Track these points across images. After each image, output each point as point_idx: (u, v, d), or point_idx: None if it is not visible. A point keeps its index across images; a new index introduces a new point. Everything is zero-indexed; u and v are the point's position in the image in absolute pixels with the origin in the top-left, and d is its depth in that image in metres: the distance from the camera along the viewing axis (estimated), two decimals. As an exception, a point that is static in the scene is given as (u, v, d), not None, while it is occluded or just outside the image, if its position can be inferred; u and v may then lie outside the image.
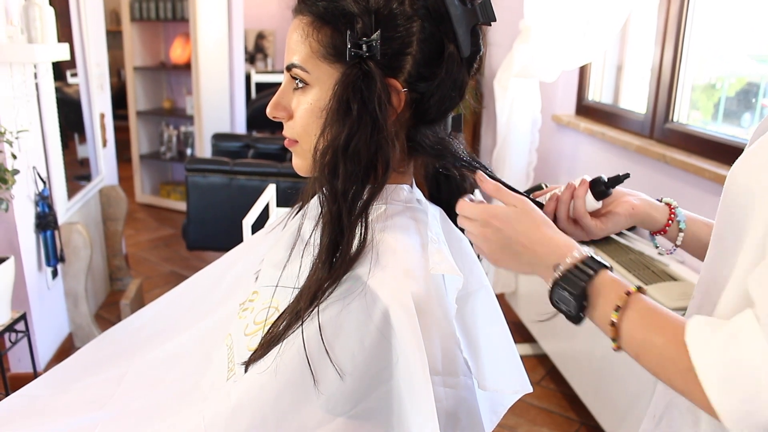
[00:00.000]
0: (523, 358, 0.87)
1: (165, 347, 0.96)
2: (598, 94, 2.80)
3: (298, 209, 0.82)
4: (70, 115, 2.92)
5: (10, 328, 1.83)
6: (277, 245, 0.86)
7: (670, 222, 0.83)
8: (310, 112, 0.72)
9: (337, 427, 0.66)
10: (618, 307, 0.62)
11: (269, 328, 0.72)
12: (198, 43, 4.23)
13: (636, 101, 2.55)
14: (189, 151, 4.68)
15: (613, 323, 0.63)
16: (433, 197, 0.86)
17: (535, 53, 2.47)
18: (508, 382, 0.82)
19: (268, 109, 0.76)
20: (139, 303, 2.87)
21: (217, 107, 4.52)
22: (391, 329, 0.65)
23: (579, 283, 0.64)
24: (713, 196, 1.86)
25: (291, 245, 0.76)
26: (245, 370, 0.71)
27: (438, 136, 0.77)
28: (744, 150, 0.68)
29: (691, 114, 2.21)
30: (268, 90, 5.47)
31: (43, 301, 2.34)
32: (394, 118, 0.72)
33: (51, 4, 2.24)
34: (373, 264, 0.68)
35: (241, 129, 4.79)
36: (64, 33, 2.70)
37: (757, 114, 1.98)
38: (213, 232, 2.96)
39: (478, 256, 0.84)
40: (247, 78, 5.25)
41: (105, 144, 3.20)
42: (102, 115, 3.15)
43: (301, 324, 0.67)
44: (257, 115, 4.92)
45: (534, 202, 0.75)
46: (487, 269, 0.83)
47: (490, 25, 0.72)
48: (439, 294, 0.72)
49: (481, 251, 0.74)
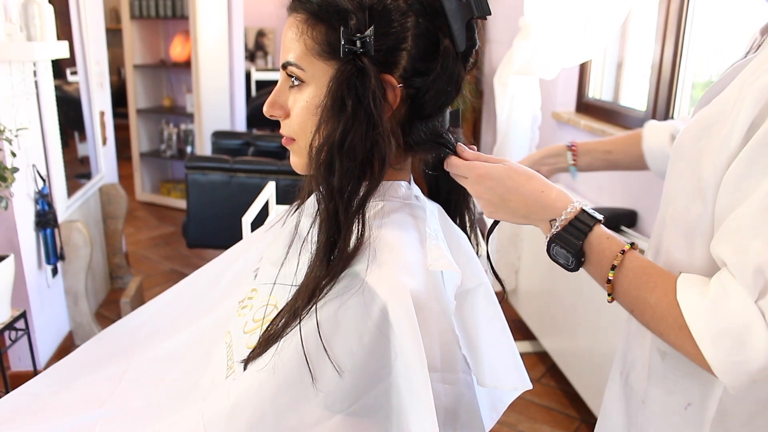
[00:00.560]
0: (523, 355, 0.88)
1: (165, 345, 0.96)
2: (599, 91, 2.80)
3: (296, 206, 0.82)
4: (70, 113, 2.91)
5: (10, 326, 1.83)
6: (276, 242, 0.86)
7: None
8: (306, 110, 0.72)
9: (335, 425, 0.66)
10: (614, 266, 0.68)
11: (267, 326, 0.72)
12: (198, 40, 4.22)
13: (636, 98, 2.54)
14: (189, 148, 4.68)
15: (609, 280, 0.69)
16: (431, 194, 0.86)
17: (535, 50, 2.46)
18: (507, 378, 0.82)
19: (265, 108, 0.75)
20: (139, 301, 2.87)
21: (217, 105, 4.52)
22: (390, 326, 0.64)
23: (575, 241, 0.70)
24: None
25: (289, 243, 0.76)
26: (244, 368, 0.71)
27: (435, 131, 0.76)
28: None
29: (692, 111, 2.20)
30: (268, 88, 5.43)
31: (43, 300, 2.34)
32: (389, 114, 0.72)
33: (50, 1, 2.23)
34: (371, 261, 0.68)
35: (241, 127, 4.78)
36: (64, 31, 2.70)
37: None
38: (213, 229, 2.96)
39: (479, 254, 0.84)
40: (247, 76, 5.24)
41: (105, 142, 3.20)
42: (102, 113, 3.15)
43: (299, 321, 0.67)
44: (257, 113, 4.90)
45: None
46: (487, 269, 0.83)
47: (485, 18, 0.72)
48: (437, 290, 0.72)
49: (476, 205, 0.79)
